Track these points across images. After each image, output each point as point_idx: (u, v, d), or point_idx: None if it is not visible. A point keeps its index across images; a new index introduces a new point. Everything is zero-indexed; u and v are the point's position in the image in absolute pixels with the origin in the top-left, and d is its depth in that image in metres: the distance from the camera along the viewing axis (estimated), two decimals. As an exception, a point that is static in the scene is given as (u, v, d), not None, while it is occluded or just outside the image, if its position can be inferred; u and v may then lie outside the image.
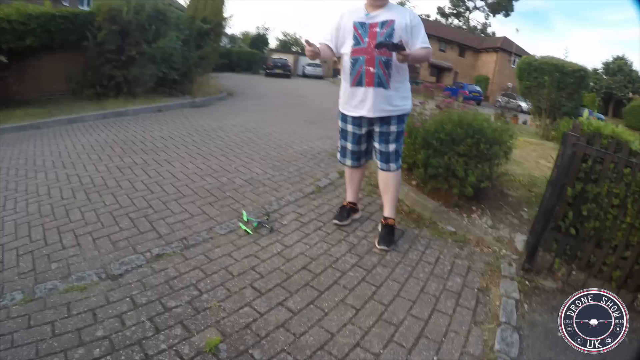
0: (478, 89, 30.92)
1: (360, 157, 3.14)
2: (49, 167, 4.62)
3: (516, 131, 4.40)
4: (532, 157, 6.08)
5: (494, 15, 54.39)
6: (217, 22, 12.18)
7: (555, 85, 9.32)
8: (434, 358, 1.97)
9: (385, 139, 2.91)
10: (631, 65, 36.00)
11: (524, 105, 21.21)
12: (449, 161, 3.49)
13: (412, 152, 3.92)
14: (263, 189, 3.99)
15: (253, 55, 33.73)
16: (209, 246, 2.87)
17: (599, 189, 2.75)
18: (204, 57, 11.64)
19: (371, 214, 3.58)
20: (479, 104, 23.04)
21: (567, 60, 9.80)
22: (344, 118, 3.04)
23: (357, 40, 2.78)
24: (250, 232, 3.08)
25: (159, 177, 4.21)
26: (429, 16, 53.91)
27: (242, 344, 1.95)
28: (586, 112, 3.81)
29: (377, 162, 3.03)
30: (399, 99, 2.85)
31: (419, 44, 2.75)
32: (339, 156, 3.25)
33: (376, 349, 1.98)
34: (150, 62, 9.51)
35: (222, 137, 6.23)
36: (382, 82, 2.76)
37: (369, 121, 2.91)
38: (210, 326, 2.05)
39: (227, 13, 13.08)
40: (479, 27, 56.03)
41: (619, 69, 35.95)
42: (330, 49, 2.92)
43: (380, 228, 3.12)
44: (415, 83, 22.83)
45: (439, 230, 3.37)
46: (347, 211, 3.34)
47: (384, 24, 2.73)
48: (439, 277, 2.68)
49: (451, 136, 3.54)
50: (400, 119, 2.90)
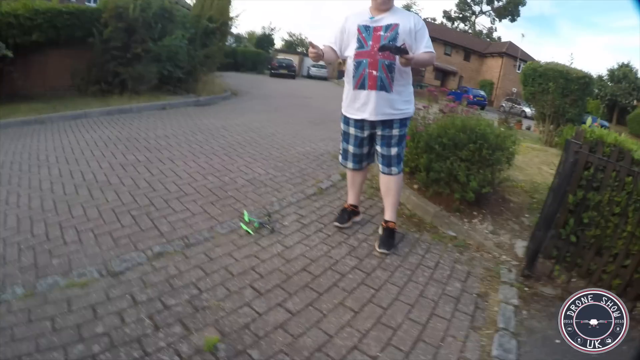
0: (482, 93, 30.94)
1: (362, 160, 3.14)
2: (52, 163, 4.63)
3: (519, 137, 4.40)
4: (535, 163, 6.07)
5: (500, 20, 54.43)
6: (223, 22, 12.21)
7: (559, 92, 9.29)
8: (431, 362, 1.97)
9: (387, 142, 2.91)
10: (636, 72, 35.78)
11: (528, 110, 21.19)
12: (451, 166, 3.49)
13: (415, 156, 3.93)
14: (265, 190, 4.00)
15: (258, 55, 33.78)
16: (210, 245, 2.88)
17: (601, 197, 2.75)
18: (209, 56, 11.67)
19: (372, 216, 3.59)
20: (483, 108, 23.06)
21: (572, 66, 9.76)
22: (346, 121, 3.05)
23: (361, 44, 2.79)
24: (251, 232, 3.08)
25: (161, 175, 4.23)
26: (435, 20, 54.01)
27: (240, 343, 1.96)
28: (589, 120, 3.82)
29: (379, 165, 3.04)
30: (401, 102, 2.85)
31: (423, 48, 2.76)
32: (340, 159, 3.25)
33: (374, 352, 1.99)
34: (155, 60, 9.55)
35: (226, 136, 6.24)
36: (384, 86, 2.76)
37: (371, 124, 2.91)
38: (209, 325, 2.06)
39: (233, 12, 13.11)
40: (484, 31, 56.08)
41: (624, 76, 35.75)
42: (334, 51, 2.93)
43: (380, 231, 3.13)
44: (420, 86, 22.85)
45: (440, 234, 3.38)
46: (348, 214, 3.34)
47: (388, 27, 2.74)
48: (438, 281, 2.69)
49: (454, 141, 3.54)
50: (403, 122, 2.91)
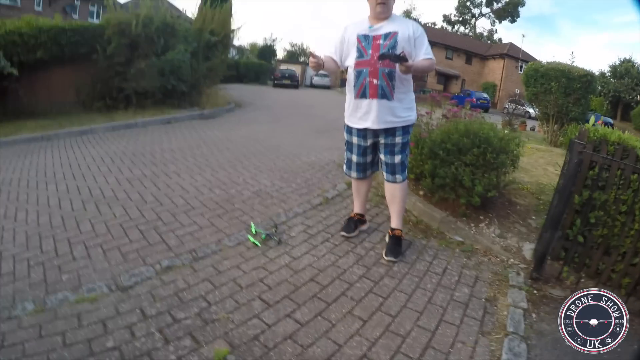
0: (486, 96, 30.85)
1: (366, 169, 3.15)
2: (60, 179, 4.69)
3: (524, 138, 4.39)
4: (540, 164, 6.04)
5: (499, 22, 54.30)
6: (225, 34, 12.29)
7: (562, 91, 9.28)
8: (442, 369, 1.97)
9: (390, 150, 2.92)
10: (638, 67, 35.54)
11: (531, 111, 21.10)
12: (455, 171, 3.49)
13: (419, 163, 3.93)
14: (271, 201, 4.01)
15: (261, 66, 33.98)
16: (218, 258, 2.89)
17: (606, 196, 2.75)
18: (212, 68, 11.74)
19: (379, 225, 3.59)
20: (486, 111, 22.94)
21: (573, 65, 9.74)
22: (349, 130, 3.06)
23: (361, 53, 2.81)
24: (258, 244, 3.09)
25: (168, 189, 4.26)
26: (435, 24, 54.02)
27: (250, 355, 1.96)
28: (592, 118, 3.81)
29: (383, 173, 3.04)
30: (403, 110, 2.86)
31: (422, 55, 2.78)
32: (345, 168, 3.26)
33: (383, 360, 1.99)
34: (159, 75, 9.64)
35: (231, 148, 6.28)
36: (385, 94, 2.78)
37: (374, 133, 2.92)
38: (219, 337, 2.07)
39: (234, 25, 13.21)
40: (485, 33, 56.01)
41: (626, 71, 35.51)
42: (335, 61, 2.95)
43: (387, 239, 3.12)
44: (423, 91, 22.85)
45: (447, 240, 3.37)
46: (355, 223, 3.34)
47: (387, 35, 2.77)
48: (446, 287, 2.68)
49: (458, 146, 3.55)
50: (405, 130, 2.92)
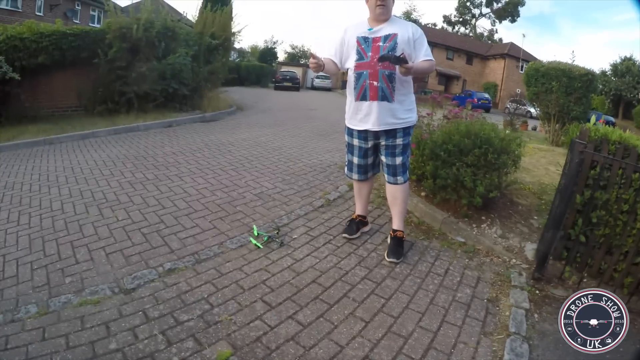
0: (487, 96, 30.83)
1: (367, 171, 3.16)
2: (62, 183, 4.71)
3: (525, 138, 4.39)
4: (542, 164, 6.03)
5: (500, 22, 54.27)
6: (226, 37, 12.31)
7: (563, 90, 9.24)
8: (444, 369, 1.97)
9: (391, 152, 2.93)
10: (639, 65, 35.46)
11: (533, 111, 21.07)
12: (457, 172, 3.49)
13: (421, 164, 3.93)
14: (273, 203, 4.02)
15: (262, 68, 34.02)
16: (220, 260, 2.90)
17: (608, 196, 2.74)
18: (213, 72, 11.76)
19: (381, 226, 3.59)
20: (488, 111, 22.96)
21: (574, 64, 9.72)
22: (350, 132, 3.07)
23: (361, 55, 2.82)
24: (260, 247, 3.10)
25: (170, 192, 4.27)
26: (435, 25, 53.96)
27: (252, 356, 1.97)
28: (593, 118, 3.80)
29: (385, 175, 3.05)
30: (403, 111, 2.87)
31: (422, 56, 2.79)
32: (346, 170, 3.27)
33: (386, 361, 1.99)
34: (160, 78, 9.65)
35: (232, 151, 6.29)
36: (386, 96, 2.79)
37: (375, 135, 2.93)
38: (222, 339, 2.08)
39: (235, 28, 13.23)
40: (485, 34, 55.98)
41: (627, 70, 35.32)
42: (335, 64, 2.97)
43: (389, 240, 3.13)
44: (424, 92, 22.84)
45: (449, 241, 3.38)
46: (357, 224, 3.35)
47: (386, 37, 2.78)
48: (448, 288, 2.69)
49: (459, 147, 3.55)
50: (406, 131, 2.92)
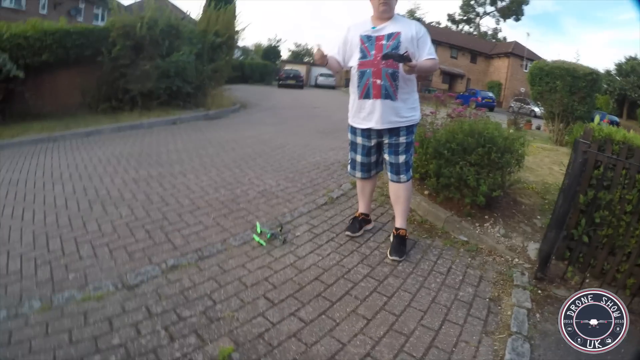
0: (491, 95, 30.76)
1: (371, 169, 3.16)
2: (66, 179, 4.74)
3: (529, 137, 4.37)
4: (546, 164, 6.02)
5: (504, 20, 54.05)
6: (229, 35, 12.31)
7: (567, 90, 9.22)
8: (445, 368, 1.98)
9: (394, 150, 2.93)
10: (644, 65, 35.24)
11: (537, 110, 21.00)
12: (460, 171, 3.49)
13: (424, 162, 3.94)
14: (276, 201, 4.03)
15: (265, 66, 34.03)
16: (223, 257, 2.91)
17: (611, 196, 2.74)
18: (217, 70, 11.78)
19: (384, 224, 3.59)
20: (492, 110, 22.92)
21: (578, 63, 9.69)
22: (353, 130, 3.07)
23: (364, 53, 2.82)
24: (263, 244, 3.11)
25: (173, 189, 4.29)
26: (439, 23, 53.83)
27: (254, 353, 1.98)
28: (597, 117, 3.79)
29: (388, 173, 3.05)
30: (406, 110, 2.87)
31: (425, 55, 2.79)
32: (349, 168, 3.27)
33: (386, 359, 1.99)
34: (164, 76, 9.69)
35: (236, 149, 6.30)
36: (389, 94, 2.78)
37: (378, 133, 2.93)
38: (224, 335, 2.09)
39: (238, 26, 13.22)
40: (489, 32, 55.76)
41: (632, 69, 35.07)
42: (338, 62, 2.97)
43: (392, 239, 3.13)
44: (428, 91, 22.79)
45: (452, 240, 3.37)
46: (359, 222, 3.35)
47: (390, 36, 2.77)
48: (450, 287, 2.69)
49: (462, 146, 3.55)
50: (409, 129, 2.92)
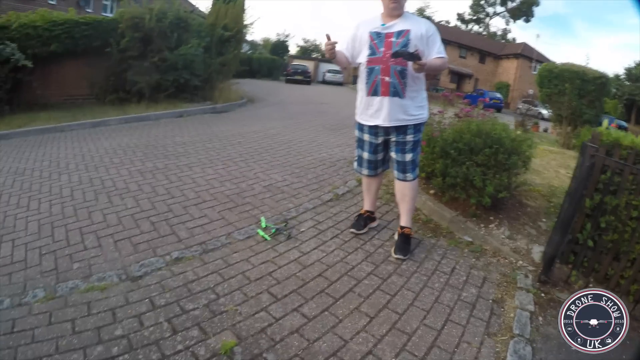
0: (499, 95, 30.59)
1: (377, 167, 3.15)
2: (72, 170, 4.76)
3: (536, 139, 4.35)
4: (552, 166, 5.99)
5: (514, 21, 53.69)
6: (238, 29, 12.28)
7: (575, 93, 9.16)
8: (447, 368, 1.98)
9: (401, 148, 2.92)
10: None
11: (544, 112, 20.87)
12: (467, 171, 3.48)
13: (431, 161, 3.92)
14: (282, 196, 4.03)
15: (273, 61, 33.92)
16: (228, 251, 2.92)
17: (618, 201, 2.72)
18: (225, 63, 11.76)
19: (388, 222, 3.59)
20: (499, 111, 22.81)
21: (588, 66, 9.61)
22: (360, 127, 3.07)
23: (373, 50, 2.81)
24: (268, 239, 3.12)
25: (179, 182, 4.30)
26: (449, 22, 53.48)
27: (256, 347, 1.99)
28: (605, 122, 3.76)
29: (394, 171, 3.04)
30: (414, 108, 2.86)
31: (435, 53, 2.77)
32: (355, 165, 3.26)
33: (388, 357, 2.00)
34: (172, 69, 9.70)
35: (242, 143, 6.30)
36: (397, 92, 2.77)
37: (385, 130, 2.92)
38: (226, 329, 2.10)
39: (247, 20, 13.20)
40: (499, 33, 55.39)
41: (641, 74, 34.85)
42: (346, 58, 2.96)
43: (396, 237, 3.12)
44: (436, 90, 22.69)
45: (456, 240, 3.36)
46: (365, 219, 3.35)
47: (399, 33, 2.76)
48: (454, 287, 2.68)
49: (469, 146, 3.53)
50: (417, 128, 2.91)
